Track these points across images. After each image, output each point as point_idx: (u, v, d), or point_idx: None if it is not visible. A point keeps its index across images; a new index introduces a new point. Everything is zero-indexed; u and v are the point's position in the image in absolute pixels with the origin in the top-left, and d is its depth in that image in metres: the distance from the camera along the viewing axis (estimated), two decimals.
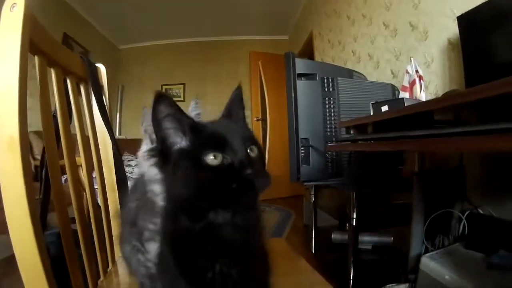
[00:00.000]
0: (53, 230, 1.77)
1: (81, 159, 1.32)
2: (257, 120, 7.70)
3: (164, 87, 8.94)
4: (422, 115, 1.58)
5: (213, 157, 0.67)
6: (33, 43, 0.88)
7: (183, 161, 0.70)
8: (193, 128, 0.72)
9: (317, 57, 6.47)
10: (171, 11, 7.45)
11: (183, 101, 8.95)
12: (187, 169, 0.69)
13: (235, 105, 0.84)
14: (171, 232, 0.74)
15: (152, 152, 0.75)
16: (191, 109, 1.20)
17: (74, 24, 7.09)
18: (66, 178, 1.14)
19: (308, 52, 7.01)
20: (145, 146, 1.11)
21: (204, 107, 1.16)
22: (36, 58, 0.96)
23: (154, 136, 1.01)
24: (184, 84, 9.16)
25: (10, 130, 0.78)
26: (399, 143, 1.60)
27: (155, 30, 8.60)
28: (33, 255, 0.83)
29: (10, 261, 2.94)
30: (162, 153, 0.73)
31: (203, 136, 0.72)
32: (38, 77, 0.95)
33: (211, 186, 0.67)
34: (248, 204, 0.72)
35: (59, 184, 1.02)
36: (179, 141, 0.72)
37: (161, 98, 0.70)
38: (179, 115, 0.72)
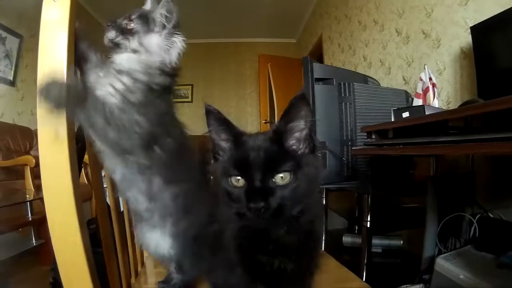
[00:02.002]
0: None
1: None
2: (265, 122, 7.69)
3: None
4: (439, 122, 1.66)
5: (236, 181, 0.73)
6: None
7: (220, 173, 0.77)
8: (234, 142, 0.77)
9: (327, 61, 6.48)
10: (179, 12, 7.44)
11: (191, 102, 8.98)
12: (222, 182, 0.75)
13: (292, 114, 0.76)
14: (233, 232, 0.79)
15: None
16: None
17: (82, 22, 7.03)
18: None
19: (316, 56, 6.99)
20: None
21: None
22: None
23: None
24: (191, 85, 9.16)
25: (55, 124, 0.75)
26: (427, 148, 1.68)
27: None
28: (79, 263, 0.79)
29: (16, 260, 2.97)
30: (214, 156, 0.81)
31: (235, 156, 0.76)
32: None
33: (231, 203, 0.74)
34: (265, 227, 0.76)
35: (100, 187, 1.04)
36: (222, 153, 0.79)
37: (208, 111, 0.76)
38: (225, 128, 0.77)
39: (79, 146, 1.04)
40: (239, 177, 0.72)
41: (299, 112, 0.75)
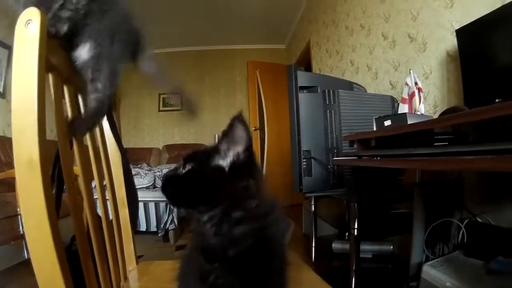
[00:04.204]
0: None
1: (93, 173, 1.29)
2: (255, 129, 7.68)
3: (161, 96, 8.96)
4: (424, 131, 1.64)
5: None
6: (48, 61, 0.86)
7: None
8: None
9: (315, 66, 6.48)
10: (168, 19, 7.47)
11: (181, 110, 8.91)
12: None
13: (227, 134, 0.80)
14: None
15: None
16: None
17: None
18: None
19: (305, 62, 7.03)
20: None
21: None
22: (50, 76, 0.94)
23: None
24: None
25: (29, 151, 0.77)
26: (405, 161, 1.65)
27: (153, 39, 8.51)
28: (57, 280, 0.80)
29: (13, 271, 2.95)
30: None
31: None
32: (52, 95, 0.93)
33: None
34: None
35: (76, 201, 0.99)
36: None
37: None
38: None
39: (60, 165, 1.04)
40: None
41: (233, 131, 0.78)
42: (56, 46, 0.96)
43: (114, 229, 1.39)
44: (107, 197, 1.39)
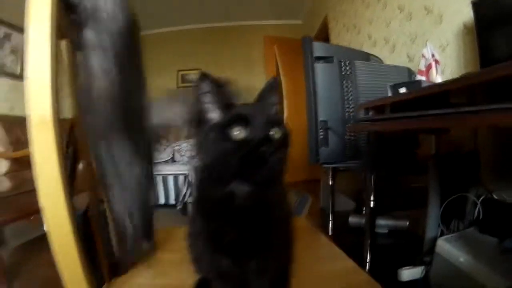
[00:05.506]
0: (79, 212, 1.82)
1: None
2: None
3: (180, 73, 8.96)
4: (438, 98, 1.60)
5: (238, 132, 0.77)
6: (61, 28, 0.89)
7: (212, 132, 0.80)
8: (226, 106, 0.83)
9: (333, 41, 6.38)
10: None
11: None
12: (215, 139, 0.79)
13: (267, 92, 0.96)
14: (199, 195, 0.87)
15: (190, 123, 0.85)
16: None
17: None
18: None
19: (323, 37, 6.94)
20: None
21: None
22: (64, 43, 0.98)
23: None
24: (200, 70, 8.98)
25: (42, 110, 0.84)
26: (417, 121, 1.62)
27: (170, 17, 8.50)
28: (67, 233, 0.87)
29: (28, 247, 2.95)
30: (199, 123, 0.83)
31: (232, 113, 0.81)
32: (66, 60, 1.00)
33: (231, 157, 0.77)
34: (263, 178, 0.78)
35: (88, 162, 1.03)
36: (213, 115, 0.83)
37: (204, 76, 0.83)
38: (217, 93, 0.83)
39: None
40: (240, 129, 0.78)
41: (274, 90, 0.97)
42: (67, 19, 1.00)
43: None
44: None
